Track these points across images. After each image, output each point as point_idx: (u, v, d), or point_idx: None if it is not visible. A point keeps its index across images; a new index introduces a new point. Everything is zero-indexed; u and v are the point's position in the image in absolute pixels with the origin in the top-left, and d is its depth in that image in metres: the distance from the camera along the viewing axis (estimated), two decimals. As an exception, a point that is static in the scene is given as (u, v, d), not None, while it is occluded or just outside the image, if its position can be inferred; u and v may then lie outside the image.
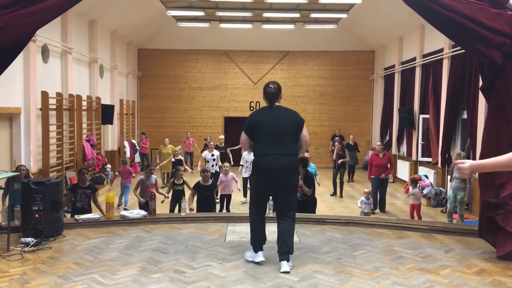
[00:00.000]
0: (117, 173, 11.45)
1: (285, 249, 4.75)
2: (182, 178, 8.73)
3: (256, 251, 4.95)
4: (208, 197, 7.82)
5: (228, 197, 9.64)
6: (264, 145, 4.81)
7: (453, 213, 9.07)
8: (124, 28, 16.25)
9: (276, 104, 4.94)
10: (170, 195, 8.64)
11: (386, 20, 15.72)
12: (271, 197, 5.70)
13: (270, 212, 6.23)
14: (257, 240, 4.97)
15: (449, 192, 9.15)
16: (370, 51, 19.82)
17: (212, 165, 11.38)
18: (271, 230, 5.23)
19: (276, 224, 4.95)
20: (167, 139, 14.35)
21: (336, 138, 17.79)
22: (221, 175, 9.85)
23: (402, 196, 12.88)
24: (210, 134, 17.67)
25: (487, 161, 2.94)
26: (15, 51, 5.40)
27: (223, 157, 12.03)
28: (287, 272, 4.63)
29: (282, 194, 4.89)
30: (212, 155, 11.53)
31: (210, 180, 7.97)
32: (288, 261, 4.73)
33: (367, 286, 4.31)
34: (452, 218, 9.04)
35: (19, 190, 5.53)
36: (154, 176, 8.62)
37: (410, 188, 10.39)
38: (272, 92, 4.89)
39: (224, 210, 9.49)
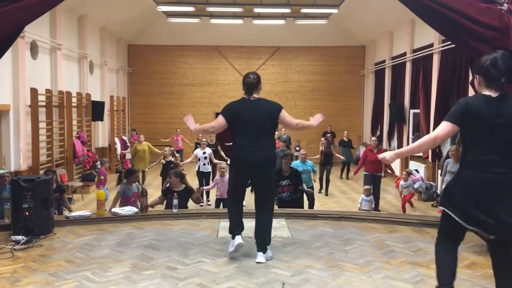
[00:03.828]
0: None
1: (258, 242, 4.91)
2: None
3: (233, 237, 4.99)
4: (182, 206, 6.98)
5: (225, 201, 8.65)
6: (243, 138, 4.92)
7: None
8: (114, 24, 16.14)
9: (255, 96, 5.00)
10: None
11: (376, 15, 15.76)
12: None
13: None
14: (235, 227, 5.04)
15: (444, 187, 9.07)
16: (360, 46, 19.88)
17: (204, 164, 11.02)
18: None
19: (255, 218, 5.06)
20: (142, 135, 13.52)
21: (328, 134, 16.48)
22: (217, 176, 9.50)
23: (393, 191, 12.94)
24: (202, 130, 17.54)
25: (404, 148, 3.66)
26: (3, 47, 5.31)
27: (214, 155, 11.83)
28: (262, 263, 4.78)
29: (259, 186, 5.10)
30: (204, 153, 11.07)
31: (182, 186, 7.21)
32: (264, 252, 4.87)
33: (358, 280, 4.33)
34: None
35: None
36: (135, 184, 7.39)
37: (402, 182, 10.48)
38: (252, 82, 4.99)
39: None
